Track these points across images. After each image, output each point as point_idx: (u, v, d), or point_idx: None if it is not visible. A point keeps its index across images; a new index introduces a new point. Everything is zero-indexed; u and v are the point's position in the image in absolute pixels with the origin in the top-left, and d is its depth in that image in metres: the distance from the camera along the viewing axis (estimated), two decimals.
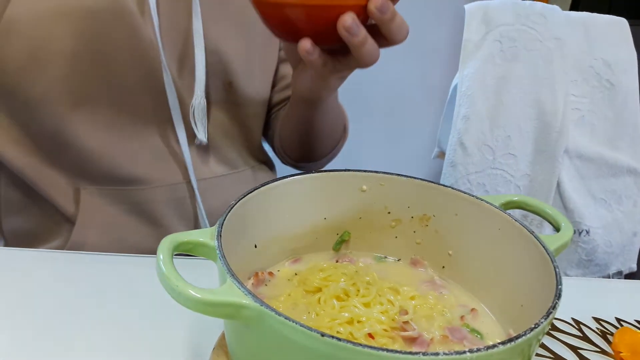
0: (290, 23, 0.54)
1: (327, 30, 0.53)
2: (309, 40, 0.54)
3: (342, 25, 0.51)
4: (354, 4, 0.52)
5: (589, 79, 1.35)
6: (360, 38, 0.53)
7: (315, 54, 0.55)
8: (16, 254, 0.68)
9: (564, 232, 0.50)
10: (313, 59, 0.55)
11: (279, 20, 0.55)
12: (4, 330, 0.54)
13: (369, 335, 0.43)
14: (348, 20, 0.51)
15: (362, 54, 0.55)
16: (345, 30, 0.52)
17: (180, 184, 0.78)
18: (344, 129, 0.89)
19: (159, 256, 0.39)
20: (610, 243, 1.39)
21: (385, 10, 0.52)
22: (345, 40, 0.53)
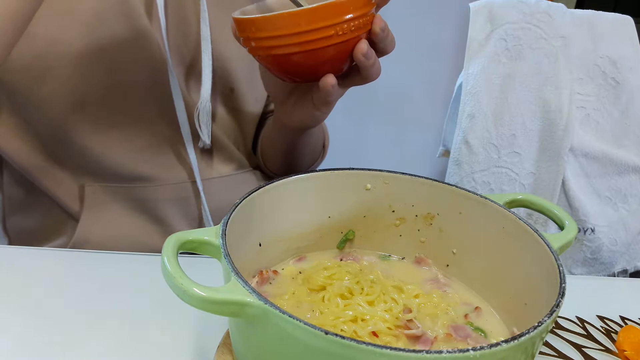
0: (311, 66, 0.57)
1: (343, 61, 0.57)
2: (333, 75, 0.57)
3: (361, 52, 0.56)
4: (365, 31, 0.56)
5: (595, 77, 1.35)
6: (372, 60, 0.57)
7: (336, 85, 0.58)
8: (21, 252, 0.69)
9: (568, 231, 0.50)
10: (335, 90, 0.58)
11: (299, 68, 0.57)
12: (9, 328, 0.55)
13: (373, 334, 0.44)
14: (364, 47, 0.56)
15: (371, 73, 0.59)
16: (363, 56, 0.56)
17: (184, 183, 0.79)
18: (323, 146, 0.91)
19: (164, 255, 0.39)
20: (616, 241, 1.39)
21: (385, 29, 0.57)
22: (361, 64, 0.57)
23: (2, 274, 0.63)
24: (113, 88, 0.72)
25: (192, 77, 0.77)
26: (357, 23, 0.54)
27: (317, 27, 0.53)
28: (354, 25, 0.54)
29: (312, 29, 0.53)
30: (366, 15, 0.55)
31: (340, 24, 0.53)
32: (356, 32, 0.55)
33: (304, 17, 0.52)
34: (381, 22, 0.57)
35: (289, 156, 0.83)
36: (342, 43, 0.55)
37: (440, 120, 1.56)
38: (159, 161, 0.77)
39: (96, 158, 0.74)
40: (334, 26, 0.53)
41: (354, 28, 0.54)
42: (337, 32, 0.53)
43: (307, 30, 0.53)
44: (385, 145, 1.71)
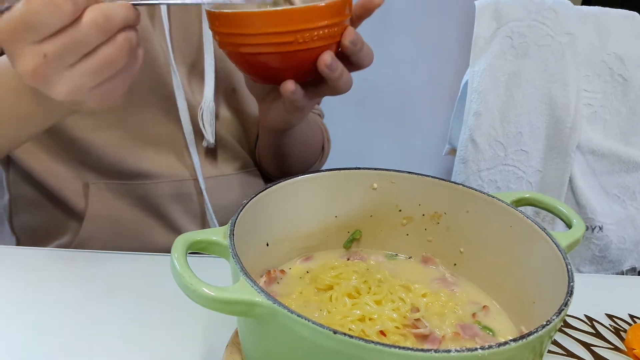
0: (273, 69, 0.56)
1: (308, 69, 0.56)
2: (292, 81, 0.57)
3: (324, 64, 0.54)
4: (331, 42, 0.55)
5: (601, 74, 1.34)
6: (338, 72, 0.56)
7: (298, 92, 0.57)
8: (30, 252, 0.69)
9: (576, 229, 0.49)
10: (296, 97, 0.58)
11: (261, 68, 0.57)
12: (19, 328, 0.55)
13: (381, 333, 0.44)
14: (328, 59, 0.55)
15: (339, 85, 0.58)
16: (326, 68, 0.55)
17: (186, 181, 0.79)
18: (322, 148, 0.91)
19: (173, 255, 0.39)
20: (624, 239, 1.38)
21: (356, 42, 0.57)
22: (326, 76, 0.56)
23: (12, 275, 0.63)
24: None
25: (195, 77, 0.78)
26: (320, 33, 0.53)
27: (275, 32, 0.52)
28: (317, 35, 0.53)
29: (270, 32, 0.52)
30: (333, 26, 0.54)
31: (301, 32, 0.52)
32: (320, 42, 0.54)
33: (263, 19, 0.52)
34: (352, 35, 0.56)
35: (280, 158, 0.84)
36: (304, 51, 0.54)
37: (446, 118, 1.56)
38: (162, 159, 0.78)
39: (99, 155, 0.75)
40: (293, 33, 0.52)
41: (317, 38, 0.53)
42: (298, 39, 0.52)
43: (265, 32, 0.52)
44: (391, 144, 1.71)
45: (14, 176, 0.82)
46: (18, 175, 0.81)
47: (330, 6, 0.53)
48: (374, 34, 1.55)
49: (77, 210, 0.78)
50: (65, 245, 0.80)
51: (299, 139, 0.81)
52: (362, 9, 0.59)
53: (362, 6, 0.59)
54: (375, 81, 1.62)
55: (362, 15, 0.59)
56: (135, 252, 0.70)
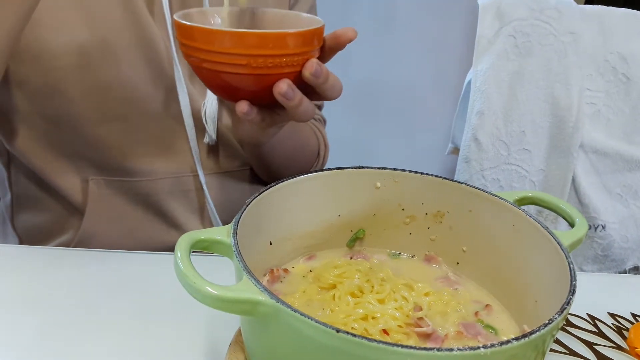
0: (228, 87, 0.55)
1: (264, 93, 0.55)
2: (246, 102, 0.55)
3: (279, 91, 0.53)
4: (290, 71, 0.54)
5: (605, 73, 1.34)
6: (295, 101, 0.55)
7: (252, 114, 0.56)
8: (32, 251, 0.69)
9: (579, 228, 0.50)
10: (250, 118, 0.57)
11: (218, 84, 0.56)
12: (22, 327, 0.55)
13: (384, 332, 0.44)
14: (283, 87, 0.53)
15: (297, 114, 0.57)
16: (281, 96, 0.54)
17: (186, 177, 0.79)
18: (317, 154, 0.90)
19: (176, 254, 0.40)
20: (627, 238, 1.38)
21: (319, 75, 0.55)
22: (282, 103, 0.55)
23: (15, 274, 0.63)
24: (117, 81, 0.72)
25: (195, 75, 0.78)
26: (275, 61, 0.52)
27: (229, 52, 0.52)
28: (272, 63, 0.52)
29: (224, 52, 0.52)
30: (292, 55, 0.53)
31: (254, 57, 0.51)
32: (276, 70, 0.53)
33: (219, 37, 0.52)
34: (313, 68, 0.54)
35: (267, 168, 0.84)
36: (258, 76, 0.53)
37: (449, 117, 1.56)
38: (162, 155, 0.78)
39: (99, 151, 0.75)
40: (246, 57, 0.51)
41: (272, 65, 0.52)
42: (251, 63, 0.52)
43: (219, 51, 0.52)
44: (394, 143, 1.71)
45: (15, 175, 0.82)
46: (20, 174, 0.81)
47: (292, 35, 0.52)
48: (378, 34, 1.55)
49: (77, 206, 0.78)
50: (66, 242, 0.80)
51: (280, 151, 0.80)
52: (334, 41, 0.57)
53: (333, 38, 0.57)
54: (378, 80, 1.62)
55: (334, 47, 0.57)
56: (138, 250, 0.71)
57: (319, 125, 0.92)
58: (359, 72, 1.58)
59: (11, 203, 0.85)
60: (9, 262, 0.66)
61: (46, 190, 0.80)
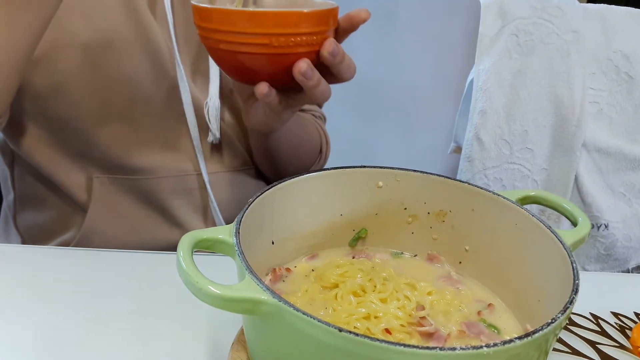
0: (248, 69, 0.56)
1: (283, 74, 0.56)
2: (266, 83, 0.56)
3: (299, 70, 0.55)
4: (309, 50, 0.55)
5: (607, 71, 1.34)
6: (314, 81, 0.56)
7: (272, 96, 0.57)
8: (36, 251, 0.70)
9: (582, 227, 0.49)
10: (270, 100, 0.58)
11: (236, 66, 0.57)
12: (25, 326, 0.55)
13: (386, 331, 0.44)
14: (304, 66, 0.55)
15: (315, 94, 0.58)
16: (301, 75, 0.55)
17: (189, 175, 0.80)
18: (320, 151, 0.90)
19: (179, 253, 0.40)
20: (630, 237, 1.37)
21: (336, 54, 0.56)
22: (301, 83, 0.56)
23: (19, 273, 0.64)
24: (120, 81, 0.73)
25: (199, 74, 0.78)
26: (297, 40, 0.53)
27: (251, 32, 0.52)
28: (293, 42, 0.53)
29: (246, 32, 0.52)
30: (312, 34, 0.54)
31: (276, 36, 0.52)
32: (296, 49, 0.54)
33: (240, 17, 0.52)
34: (331, 47, 0.56)
35: (271, 160, 0.84)
36: (279, 55, 0.54)
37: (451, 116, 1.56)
38: (166, 153, 0.78)
39: (103, 149, 0.76)
40: (268, 36, 0.52)
41: (293, 44, 0.53)
42: (273, 43, 0.52)
43: (241, 32, 0.52)
44: (396, 143, 1.71)
45: (19, 174, 0.83)
46: (23, 173, 0.82)
47: (310, 14, 0.53)
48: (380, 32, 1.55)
49: (80, 204, 0.79)
50: (68, 240, 0.80)
51: (287, 142, 0.81)
52: (348, 22, 0.58)
53: (347, 19, 0.58)
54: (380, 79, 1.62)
55: (348, 28, 0.59)
56: (140, 248, 0.71)
57: (320, 122, 0.92)
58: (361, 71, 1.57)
59: (14, 202, 0.85)
60: (11, 261, 0.66)
61: (50, 189, 0.80)
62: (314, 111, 0.92)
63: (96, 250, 0.70)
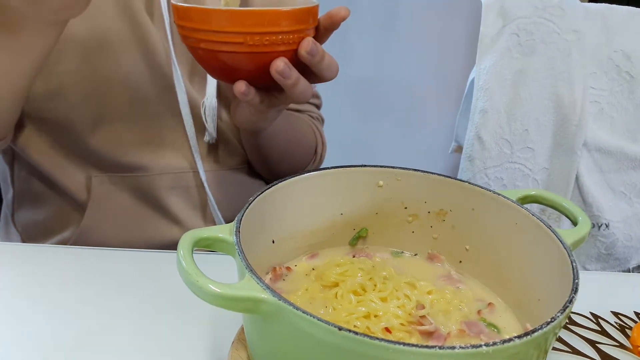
0: (226, 67, 0.56)
1: (261, 73, 0.55)
2: (244, 82, 0.56)
3: (275, 69, 0.54)
4: (287, 49, 0.55)
5: (608, 71, 1.34)
6: (292, 80, 0.56)
7: (250, 94, 0.57)
8: (37, 249, 0.70)
9: (582, 226, 0.49)
10: (249, 99, 0.57)
11: (215, 65, 0.57)
12: (25, 325, 0.56)
13: (386, 330, 0.44)
14: (280, 65, 0.54)
15: (294, 94, 0.57)
16: (278, 74, 0.54)
17: (185, 173, 0.80)
18: (314, 151, 0.90)
19: (179, 252, 0.40)
20: (630, 237, 1.37)
21: (314, 53, 0.56)
22: (279, 82, 0.55)
23: (20, 272, 0.64)
24: (117, 81, 0.73)
25: (195, 73, 0.79)
26: (272, 39, 0.53)
27: (225, 31, 0.52)
28: (268, 40, 0.53)
29: (221, 31, 0.52)
30: (287, 33, 0.54)
31: (251, 35, 0.52)
32: (272, 48, 0.53)
33: (216, 16, 0.52)
34: (309, 46, 0.55)
35: (265, 159, 0.84)
36: (255, 54, 0.54)
37: (452, 116, 1.56)
38: (162, 151, 0.79)
39: (101, 148, 0.76)
40: (243, 34, 0.52)
41: (269, 43, 0.53)
42: (247, 41, 0.52)
43: (217, 30, 0.52)
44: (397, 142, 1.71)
45: (18, 172, 0.83)
46: (23, 170, 0.82)
47: (287, 13, 0.53)
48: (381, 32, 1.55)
49: (79, 202, 0.79)
50: (67, 238, 0.81)
51: (279, 141, 0.81)
52: (328, 21, 0.58)
53: (327, 18, 0.58)
54: (381, 78, 1.62)
55: (329, 27, 0.58)
56: (139, 246, 0.71)
57: (317, 123, 0.92)
58: (362, 71, 1.58)
59: (12, 200, 0.85)
60: (11, 260, 0.66)
61: (49, 187, 0.80)
62: (311, 112, 0.92)
63: (96, 248, 0.70)
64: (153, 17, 0.74)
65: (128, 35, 0.72)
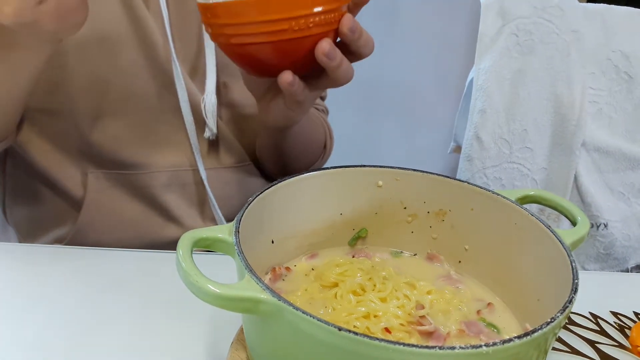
0: (266, 60, 0.54)
1: (307, 58, 0.54)
2: (290, 72, 0.54)
3: (322, 52, 0.53)
4: (328, 30, 0.53)
5: (607, 71, 1.34)
6: (337, 61, 0.54)
7: (296, 84, 0.55)
8: (31, 249, 0.70)
9: (581, 226, 0.49)
10: (294, 89, 0.56)
11: (254, 60, 0.55)
12: (22, 325, 0.55)
13: (386, 330, 0.44)
14: (326, 47, 0.52)
15: (338, 75, 0.56)
16: (324, 56, 0.53)
17: (184, 171, 0.80)
18: (324, 146, 0.90)
19: (178, 252, 0.40)
20: (629, 237, 1.38)
21: (355, 30, 0.54)
22: (324, 65, 0.54)
23: (14, 272, 0.64)
24: (116, 76, 0.73)
25: (196, 70, 0.78)
26: (316, 20, 0.51)
27: (269, 20, 0.50)
28: (313, 22, 0.51)
29: (263, 21, 0.50)
30: (329, 12, 0.52)
31: (296, 19, 0.50)
32: (316, 30, 0.52)
33: (255, 7, 0.50)
34: (350, 22, 0.54)
35: (281, 157, 0.83)
36: (300, 39, 0.52)
37: (451, 116, 1.56)
38: (162, 148, 0.78)
39: (98, 144, 0.76)
40: (287, 20, 0.50)
41: (313, 25, 0.51)
42: (292, 27, 0.51)
43: (258, 21, 0.51)
44: (396, 142, 1.71)
45: (11, 168, 0.83)
46: (17, 166, 0.82)
47: None
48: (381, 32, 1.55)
49: (75, 199, 0.79)
50: (63, 235, 0.80)
51: (300, 137, 0.80)
52: None
53: None
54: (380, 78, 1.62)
55: (359, 2, 0.57)
56: (135, 245, 0.71)
57: (324, 115, 0.92)
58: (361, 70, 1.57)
59: (3, 196, 0.85)
60: (8, 259, 0.66)
61: (44, 183, 0.80)
62: (318, 104, 0.91)
63: (94, 248, 0.70)
64: (151, 12, 0.74)
65: (127, 30, 0.72)
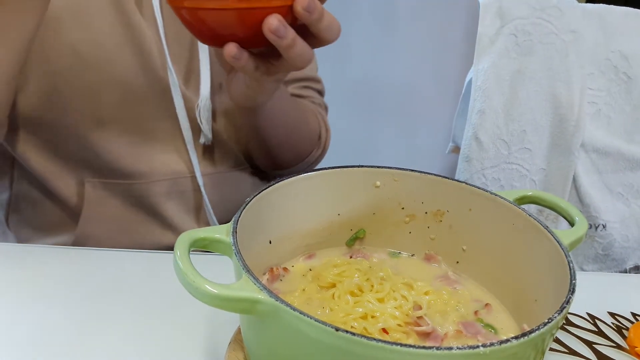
0: (214, 28, 0.52)
1: (253, 33, 0.51)
2: (235, 44, 0.52)
3: (268, 27, 0.49)
4: (279, 5, 0.50)
5: (606, 72, 1.34)
6: (288, 40, 0.51)
7: (243, 59, 0.52)
8: (30, 250, 0.69)
9: (579, 227, 0.50)
10: (242, 64, 0.53)
11: (202, 26, 0.53)
12: (21, 326, 0.55)
13: (383, 330, 0.44)
14: (274, 22, 0.49)
15: (292, 56, 0.53)
16: (271, 33, 0.49)
17: (182, 178, 0.79)
18: (318, 137, 0.88)
19: (176, 252, 0.40)
20: (627, 237, 1.38)
21: (312, 10, 0.50)
22: (273, 42, 0.51)
23: (14, 272, 0.64)
24: (111, 83, 0.73)
25: (190, 75, 0.78)
26: None
27: None
28: None
29: None
30: None
31: None
32: (264, 3, 0.49)
33: None
34: (306, 1, 0.49)
35: (265, 144, 0.81)
36: (248, 10, 0.49)
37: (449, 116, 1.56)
38: (159, 156, 0.78)
39: (95, 152, 0.76)
40: None
41: None
42: None
43: None
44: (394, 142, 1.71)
45: (18, 175, 0.82)
46: (21, 174, 0.82)
47: None
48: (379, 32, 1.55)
49: (73, 208, 0.78)
50: (61, 243, 0.80)
51: (279, 121, 0.77)
52: None
53: None
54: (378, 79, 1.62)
55: None
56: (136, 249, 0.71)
57: (320, 109, 0.91)
58: (359, 71, 1.58)
59: (8, 202, 0.85)
60: (7, 260, 0.66)
61: (43, 192, 0.80)
62: (313, 98, 0.90)
63: (91, 249, 0.70)
64: (145, 18, 0.74)
65: (121, 36, 0.71)
